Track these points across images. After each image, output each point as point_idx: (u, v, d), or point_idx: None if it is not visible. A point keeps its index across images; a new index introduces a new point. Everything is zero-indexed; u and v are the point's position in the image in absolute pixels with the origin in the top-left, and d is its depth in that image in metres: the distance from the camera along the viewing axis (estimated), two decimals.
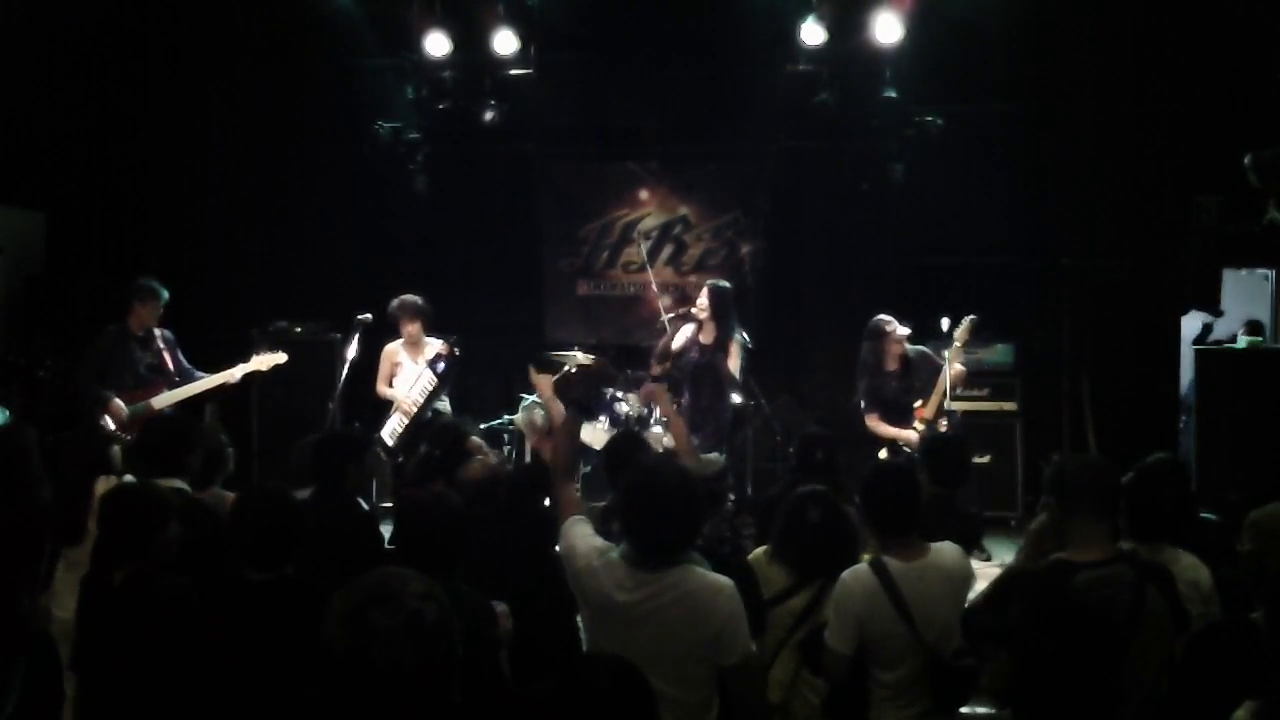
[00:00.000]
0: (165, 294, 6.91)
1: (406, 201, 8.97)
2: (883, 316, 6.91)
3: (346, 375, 7.08)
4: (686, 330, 7.07)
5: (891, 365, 6.86)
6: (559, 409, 4.27)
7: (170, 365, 6.92)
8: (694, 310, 7.02)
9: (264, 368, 7.04)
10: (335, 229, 9.21)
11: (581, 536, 3.07)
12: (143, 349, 6.86)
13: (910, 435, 6.61)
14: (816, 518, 3.74)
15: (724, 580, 2.94)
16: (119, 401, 6.63)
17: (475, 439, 5.02)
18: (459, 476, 4.39)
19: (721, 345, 6.92)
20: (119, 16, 8.83)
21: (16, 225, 8.86)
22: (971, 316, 6.62)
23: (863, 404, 6.86)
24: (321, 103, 8.86)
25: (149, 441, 4.41)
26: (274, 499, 3.38)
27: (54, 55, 8.58)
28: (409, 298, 7.20)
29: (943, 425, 6.59)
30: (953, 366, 6.54)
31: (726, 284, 7.21)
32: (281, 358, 7.10)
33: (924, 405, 6.66)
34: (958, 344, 6.57)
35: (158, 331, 6.94)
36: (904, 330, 6.82)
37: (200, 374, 7.01)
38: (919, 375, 6.75)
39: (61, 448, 4.63)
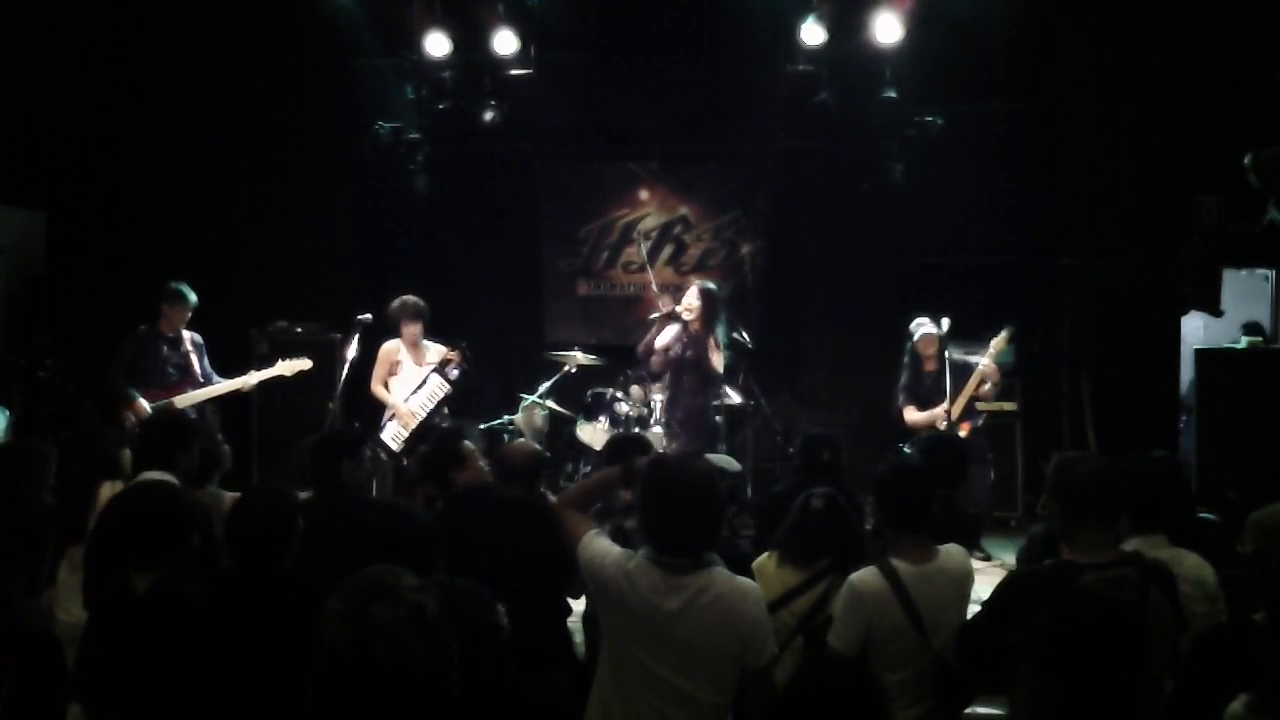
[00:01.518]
0: (193, 298, 7.01)
1: (406, 201, 8.95)
2: (919, 319, 7.20)
3: (346, 375, 7.07)
4: (673, 329, 7.08)
5: (929, 366, 7.16)
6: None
7: (196, 368, 7.05)
8: (679, 309, 7.03)
9: (288, 373, 7.11)
10: (335, 229, 9.20)
11: (607, 546, 3.04)
12: (171, 350, 6.99)
13: (936, 413, 6.89)
14: (821, 508, 3.77)
15: (750, 584, 2.98)
16: (143, 401, 6.76)
17: (468, 443, 4.98)
18: (502, 454, 4.40)
19: (705, 342, 6.98)
20: (118, 16, 8.81)
21: (16, 225, 8.86)
22: (1009, 327, 7.03)
23: (900, 397, 7.24)
24: (321, 103, 8.85)
25: (142, 435, 4.41)
26: (264, 496, 3.38)
27: (54, 55, 8.57)
28: (409, 299, 7.15)
29: (964, 430, 6.92)
30: (986, 367, 6.96)
31: (714, 286, 7.30)
32: (306, 364, 7.16)
33: (950, 405, 6.86)
34: (992, 351, 6.98)
35: (186, 334, 7.07)
36: (931, 329, 7.06)
37: (223, 378, 7.09)
38: (952, 380, 6.88)
39: (65, 448, 4.62)
